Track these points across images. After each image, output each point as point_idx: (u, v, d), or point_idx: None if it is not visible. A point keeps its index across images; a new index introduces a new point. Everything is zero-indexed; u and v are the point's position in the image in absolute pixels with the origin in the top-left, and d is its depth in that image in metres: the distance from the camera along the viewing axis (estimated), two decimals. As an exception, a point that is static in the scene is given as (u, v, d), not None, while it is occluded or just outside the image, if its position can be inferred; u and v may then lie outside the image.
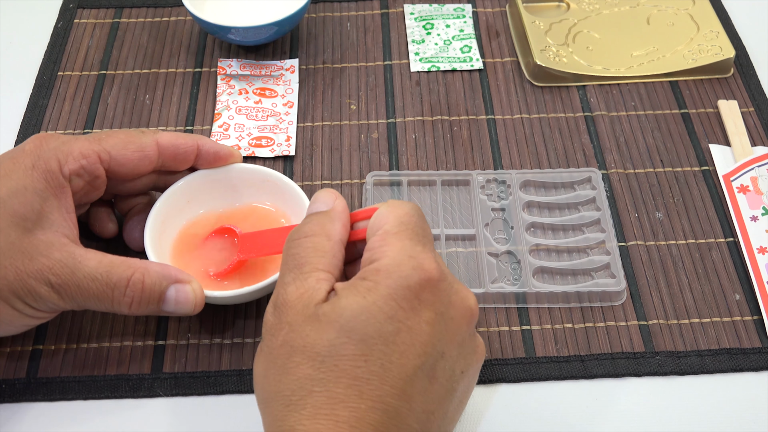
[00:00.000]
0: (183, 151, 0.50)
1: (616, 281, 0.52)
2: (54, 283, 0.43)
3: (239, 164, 0.53)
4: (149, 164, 0.49)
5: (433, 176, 0.58)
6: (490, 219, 0.56)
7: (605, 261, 0.53)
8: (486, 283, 0.52)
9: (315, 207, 0.43)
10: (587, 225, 0.56)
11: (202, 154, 0.51)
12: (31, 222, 0.44)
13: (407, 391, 0.37)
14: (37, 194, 0.44)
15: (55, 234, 0.44)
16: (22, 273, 0.42)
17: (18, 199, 0.44)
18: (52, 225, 0.44)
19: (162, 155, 0.49)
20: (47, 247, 0.43)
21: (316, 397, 0.36)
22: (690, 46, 0.67)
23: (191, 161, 0.51)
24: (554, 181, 0.58)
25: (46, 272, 0.43)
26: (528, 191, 0.58)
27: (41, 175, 0.45)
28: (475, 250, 0.54)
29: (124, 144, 0.48)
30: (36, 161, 0.45)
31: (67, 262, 0.43)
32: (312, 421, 0.35)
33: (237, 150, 0.53)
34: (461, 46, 0.68)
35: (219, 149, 0.51)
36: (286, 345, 0.37)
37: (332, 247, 0.41)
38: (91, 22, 0.70)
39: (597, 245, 0.54)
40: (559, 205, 0.57)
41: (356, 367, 0.36)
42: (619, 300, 0.52)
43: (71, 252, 0.44)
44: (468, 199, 0.57)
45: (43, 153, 0.45)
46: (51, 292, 0.43)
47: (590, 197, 0.57)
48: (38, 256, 0.43)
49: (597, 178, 0.58)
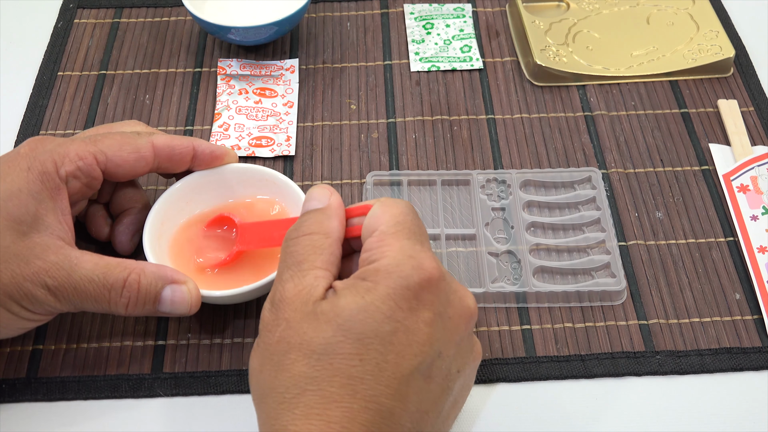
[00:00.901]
0: (178, 153, 0.50)
1: (616, 281, 0.52)
2: (50, 285, 0.43)
3: (237, 164, 0.53)
4: (145, 165, 0.49)
5: (433, 176, 0.58)
6: (491, 218, 0.56)
7: (605, 260, 0.53)
8: (486, 282, 0.52)
9: (310, 204, 0.43)
10: (587, 224, 0.56)
11: (198, 155, 0.51)
12: (27, 225, 0.43)
13: (402, 390, 0.37)
14: (32, 196, 0.44)
15: (50, 236, 0.44)
16: (18, 276, 0.42)
17: (13, 201, 0.43)
18: (47, 228, 0.44)
19: (158, 156, 0.49)
20: (43, 250, 0.43)
21: (309, 396, 0.36)
22: (690, 45, 0.67)
23: (188, 163, 0.51)
24: (554, 181, 0.58)
25: (42, 275, 0.43)
26: (528, 191, 0.58)
27: (37, 177, 0.45)
28: (476, 249, 0.54)
29: (120, 145, 0.48)
30: (32, 163, 0.45)
31: (63, 264, 0.43)
32: (304, 421, 0.35)
33: (232, 149, 0.53)
34: (461, 46, 0.68)
35: (214, 149, 0.51)
36: (283, 341, 0.38)
37: (330, 245, 0.41)
38: (91, 22, 0.70)
39: (597, 245, 0.54)
40: (559, 204, 0.57)
41: (351, 366, 0.36)
42: (619, 299, 0.52)
43: (67, 254, 0.44)
44: (468, 198, 0.57)
45: (39, 155, 0.45)
46: (47, 295, 0.43)
47: (590, 197, 0.57)
48: (34, 259, 0.43)
49: (597, 177, 0.58)
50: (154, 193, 0.58)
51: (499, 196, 0.57)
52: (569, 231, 0.56)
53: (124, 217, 0.52)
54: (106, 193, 0.52)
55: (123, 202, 0.52)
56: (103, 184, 0.50)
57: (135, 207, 0.52)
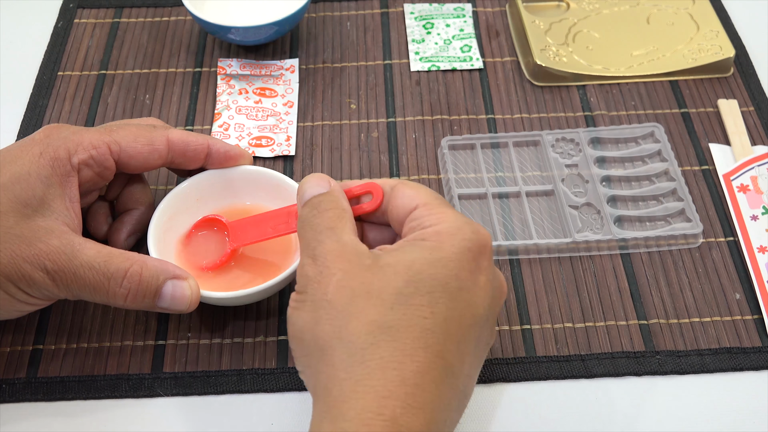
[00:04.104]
0: (193, 149, 0.50)
1: (692, 224, 0.55)
2: (50, 269, 0.43)
3: (249, 166, 0.53)
4: (158, 158, 0.49)
5: (505, 138, 0.61)
6: (565, 175, 0.59)
7: (680, 207, 0.56)
8: (572, 233, 0.55)
9: (313, 190, 0.43)
10: (656, 175, 0.59)
11: (213, 154, 0.51)
12: (32, 208, 0.44)
13: (461, 348, 0.38)
14: (40, 181, 0.44)
15: (55, 221, 0.44)
16: (18, 257, 0.42)
17: (21, 184, 0.44)
18: (53, 212, 0.44)
19: (172, 151, 0.49)
20: (46, 234, 0.43)
21: (384, 348, 0.36)
22: (690, 45, 0.67)
23: (201, 160, 0.51)
24: (618, 137, 0.61)
25: (43, 258, 0.43)
26: (596, 148, 0.60)
27: (48, 162, 0.45)
28: (556, 204, 0.57)
29: (135, 137, 0.48)
30: (44, 149, 0.45)
31: (65, 249, 0.43)
32: (380, 375, 0.35)
33: (248, 151, 0.53)
34: (461, 46, 0.68)
35: (229, 149, 0.51)
36: (345, 288, 0.37)
37: (351, 218, 0.42)
38: (91, 22, 0.70)
39: (670, 193, 0.57)
40: (623, 159, 0.60)
41: (424, 318, 0.36)
42: (695, 243, 0.55)
43: (70, 240, 0.44)
44: (539, 157, 0.60)
45: (53, 141, 0.46)
46: (46, 279, 0.43)
47: (656, 150, 0.60)
48: (36, 241, 0.43)
49: (660, 132, 0.61)
50: (163, 193, 0.58)
51: (569, 154, 0.59)
52: (641, 181, 0.59)
53: (124, 215, 0.52)
54: (115, 189, 0.52)
55: (128, 202, 0.52)
56: (114, 179, 0.50)
57: (138, 208, 0.52)
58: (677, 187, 0.57)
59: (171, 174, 0.59)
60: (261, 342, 0.51)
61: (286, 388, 0.49)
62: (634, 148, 0.60)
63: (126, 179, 0.52)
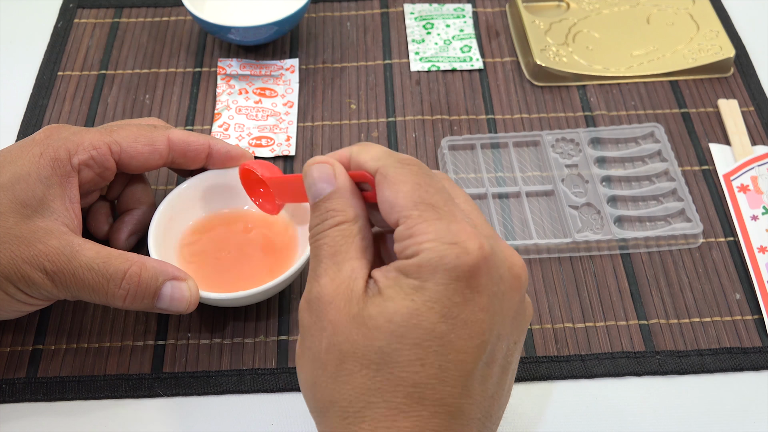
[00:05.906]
0: (194, 149, 0.50)
1: (692, 224, 0.55)
2: (49, 269, 0.43)
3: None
4: (159, 159, 0.49)
5: (504, 138, 0.61)
6: (565, 175, 0.59)
7: (680, 207, 0.56)
8: (572, 233, 0.55)
9: (319, 188, 0.39)
10: (656, 176, 0.59)
11: (214, 154, 0.51)
12: (31, 209, 0.44)
13: (468, 386, 0.35)
14: (40, 181, 0.44)
15: (54, 222, 0.44)
16: (17, 258, 0.42)
17: (21, 185, 0.44)
18: (53, 213, 0.44)
19: (172, 151, 0.49)
20: (45, 234, 0.43)
21: (375, 409, 0.34)
22: (690, 45, 0.67)
23: (202, 160, 0.51)
24: (618, 138, 0.61)
25: (42, 258, 0.43)
26: (596, 148, 0.60)
27: (48, 162, 0.45)
28: (556, 204, 0.57)
29: (135, 137, 0.48)
30: (45, 149, 0.45)
31: (64, 249, 0.43)
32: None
33: (249, 151, 0.53)
34: (461, 46, 0.68)
35: (231, 149, 0.51)
36: (334, 349, 0.35)
37: (360, 229, 0.38)
38: (91, 22, 0.70)
39: (670, 193, 0.57)
40: (624, 159, 0.60)
41: (414, 373, 0.34)
42: (695, 242, 0.55)
43: (69, 240, 0.44)
44: (539, 158, 0.60)
45: (53, 142, 0.46)
46: (45, 279, 0.43)
47: (655, 150, 0.60)
48: (35, 242, 0.43)
49: (660, 132, 0.61)
50: (164, 193, 0.58)
51: (569, 154, 0.59)
52: (641, 181, 0.59)
53: (125, 215, 0.52)
54: (116, 189, 0.52)
55: (129, 202, 0.52)
56: (115, 179, 0.50)
57: (139, 208, 0.52)
58: (677, 187, 0.57)
59: (172, 174, 0.59)
60: (261, 342, 0.51)
61: (285, 388, 0.49)
62: (634, 148, 0.60)
63: (127, 179, 0.52)
